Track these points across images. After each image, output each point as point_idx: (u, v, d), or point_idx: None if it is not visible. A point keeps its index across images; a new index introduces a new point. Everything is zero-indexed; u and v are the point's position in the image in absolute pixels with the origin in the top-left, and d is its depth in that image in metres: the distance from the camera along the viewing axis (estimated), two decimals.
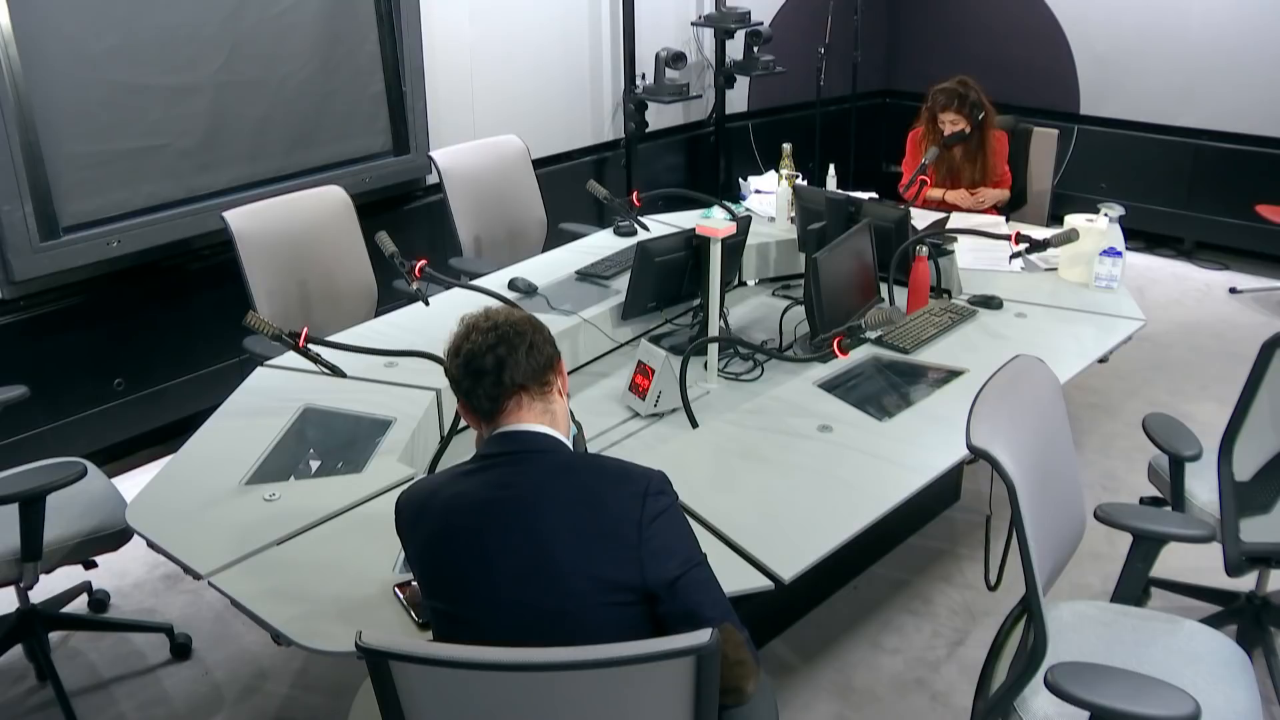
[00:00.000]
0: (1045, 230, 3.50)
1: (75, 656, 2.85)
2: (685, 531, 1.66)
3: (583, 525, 1.60)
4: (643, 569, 1.58)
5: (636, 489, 1.63)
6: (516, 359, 1.68)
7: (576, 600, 1.58)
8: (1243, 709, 1.87)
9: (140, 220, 3.59)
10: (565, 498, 1.63)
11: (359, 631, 1.44)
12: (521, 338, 1.71)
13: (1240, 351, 3.80)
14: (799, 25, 5.96)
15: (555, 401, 1.74)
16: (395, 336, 3.01)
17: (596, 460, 1.79)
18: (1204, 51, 5.44)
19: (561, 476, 1.66)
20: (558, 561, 1.58)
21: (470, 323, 1.75)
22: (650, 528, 1.59)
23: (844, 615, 2.94)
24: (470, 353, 1.69)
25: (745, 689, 1.61)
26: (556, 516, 1.60)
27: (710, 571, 1.65)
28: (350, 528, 2.14)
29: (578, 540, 1.59)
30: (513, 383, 1.68)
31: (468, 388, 1.70)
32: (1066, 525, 2.05)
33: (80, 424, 3.61)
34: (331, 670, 2.74)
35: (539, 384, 1.71)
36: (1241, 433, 2.34)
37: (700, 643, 1.38)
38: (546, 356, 1.73)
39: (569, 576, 1.58)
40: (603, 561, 1.58)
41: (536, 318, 1.80)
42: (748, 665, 1.61)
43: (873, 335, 2.82)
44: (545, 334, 1.76)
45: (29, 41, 3.24)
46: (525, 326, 1.73)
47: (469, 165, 4.01)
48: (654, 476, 1.66)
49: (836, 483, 2.28)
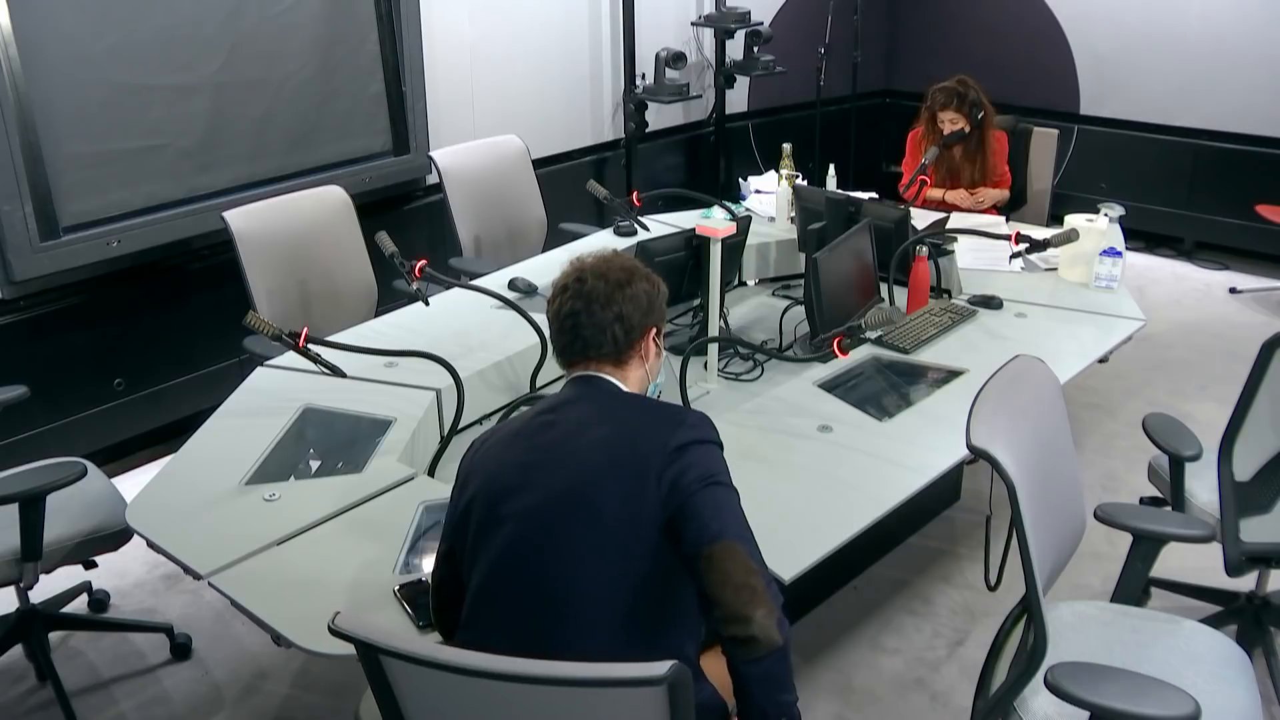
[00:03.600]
0: (1045, 230, 3.50)
1: (75, 656, 2.85)
2: (716, 458, 1.66)
3: (616, 459, 1.63)
4: (664, 495, 1.58)
5: (670, 418, 1.67)
6: (592, 332, 1.73)
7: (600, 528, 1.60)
8: (1243, 709, 1.87)
9: (140, 220, 3.59)
10: (602, 434, 1.66)
11: (335, 613, 1.46)
12: (609, 306, 1.73)
13: (1240, 351, 3.80)
14: (799, 25, 5.96)
15: (625, 369, 1.78)
16: (395, 336, 3.01)
17: (643, 399, 1.79)
18: (1204, 51, 5.44)
19: (605, 416, 1.70)
20: (589, 496, 1.62)
21: (566, 277, 1.78)
22: (678, 454, 1.61)
23: (844, 615, 2.94)
24: (554, 314, 1.77)
25: (751, 615, 1.52)
26: (592, 451, 1.65)
27: (736, 498, 1.64)
28: (350, 528, 2.14)
29: (610, 473, 1.62)
30: (583, 355, 1.75)
31: (553, 337, 1.79)
32: (1066, 525, 2.05)
33: (80, 424, 3.61)
34: (331, 670, 2.74)
35: (614, 359, 1.76)
36: (1241, 433, 2.34)
37: (655, 674, 1.29)
38: (627, 329, 1.74)
39: (601, 510, 1.61)
40: (631, 496, 1.60)
41: (646, 274, 1.80)
42: (758, 593, 1.54)
43: (873, 335, 2.82)
44: (641, 301, 1.77)
45: (29, 41, 3.24)
46: (617, 295, 1.74)
47: (469, 165, 4.01)
48: (688, 414, 1.70)
49: (836, 483, 2.28)
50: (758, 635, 1.52)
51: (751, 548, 1.60)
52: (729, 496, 1.63)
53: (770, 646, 1.52)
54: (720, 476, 1.64)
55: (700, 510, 1.58)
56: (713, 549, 1.56)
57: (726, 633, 1.54)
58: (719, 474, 1.64)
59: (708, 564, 1.56)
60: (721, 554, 1.56)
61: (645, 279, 1.79)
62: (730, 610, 1.53)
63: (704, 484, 1.60)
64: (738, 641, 1.53)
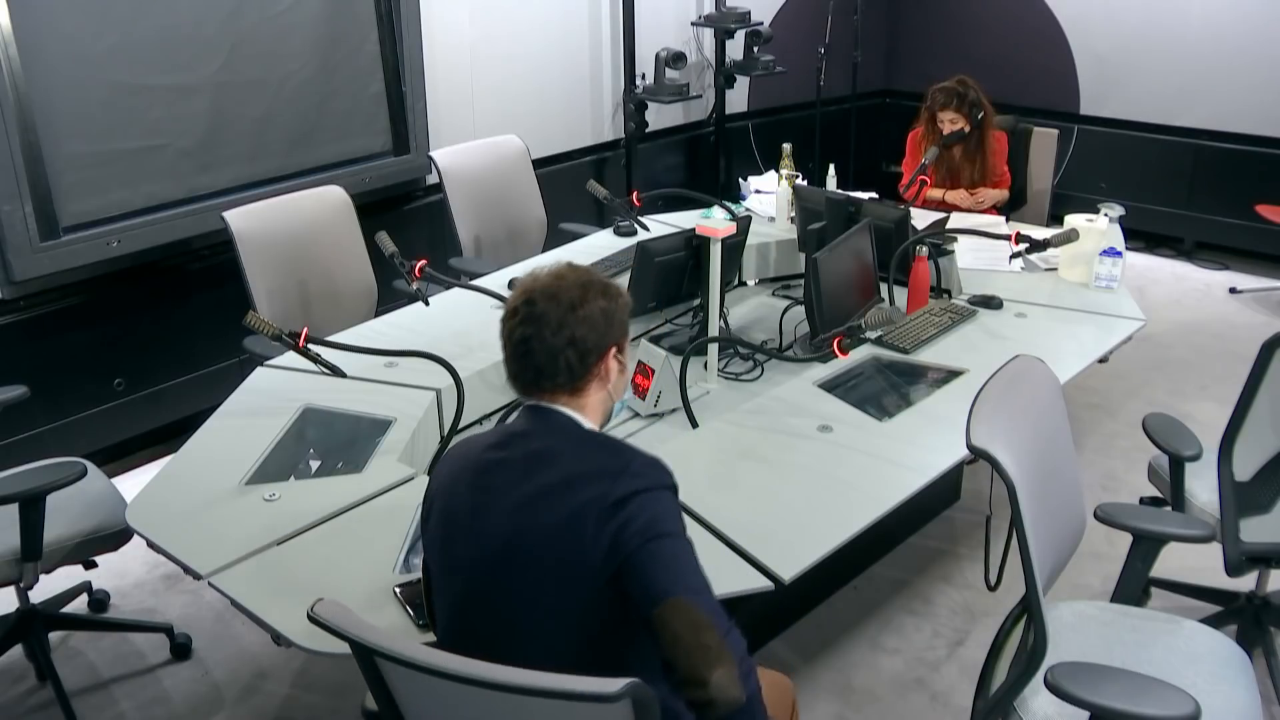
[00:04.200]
0: (1045, 230, 3.50)
1: (75, 656, 2.85)
2: (663, 509, 1.54)
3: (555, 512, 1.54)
4: (603, 554, 1.50)
5: (611, 469, 1.55)
6: (544, 359, 1.61)
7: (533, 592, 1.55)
8: (1243, 709, 1.87)
9: (140, 220, 3.59)
10: (543, 483, 1.57)
11: (318, 600, 1.47)
12: (561, 331, 1.60)
13: (1240, 351, 3.81)
14: (799, 25, 5.96)
15: (582, 397, 1.67)
16: (395, 336, 3.01)
17: (593, 439, 1.66)
18: (1204, 51, 5.44)
19: (549, 460, 1.60)
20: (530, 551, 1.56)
21: (515, 299, 1.65)
22: (617, 509, 1.51)
23: (844, 615, 2.94)
24: (505, 339, 1.65)
25: (707, 678, 1.41)
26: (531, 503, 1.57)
27: (684, 547, 1.53)
28: (350, 528, 2.14)
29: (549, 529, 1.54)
30: (535, 385, 1.65)
31: (505, 363, 1.67)
32: (1066, 525, 2.05)
33: (80, 424, 3.61)
34: (331, 670, 2.74)
35: (569, 389, 1.65)
36: (1241, 433, 2.34)
37: (605, 690, 1.27)
38: (582, 353, 1.62)
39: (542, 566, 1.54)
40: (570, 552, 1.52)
41: (603, 288, 1.66)
42: (712, 652, 1.44)
43: (873, 335, 2.82)
44: (597, 321, 1.63)
45: (29, 41, 3.24)
46: (569, 318, 1.61)
47: (469, 165, 4.01)
48: (635, 459, 1.58)
49: (836, 483, 2.28)
50: (716, 698, 1.42)
51: (704, 599, 1.49)
52: (676, 548, 1.52)
53: (731, 706, 1.43)
54: (665, 526, 1.52)
55: (644, 568, 1.49)
56: (660, 609, 1.47)
57: (685, 695, 1.46)
58: (664, 525, 1.52)
59: (658, 625, 1.47)
60: (669, 614, 1.46)
61: (601, 294, 1.65)
62: (685, 673, 1.44)
63: (646, 539, 1.49)
64: (697, 705, 1.45)
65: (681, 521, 1.57)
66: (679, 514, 1.58)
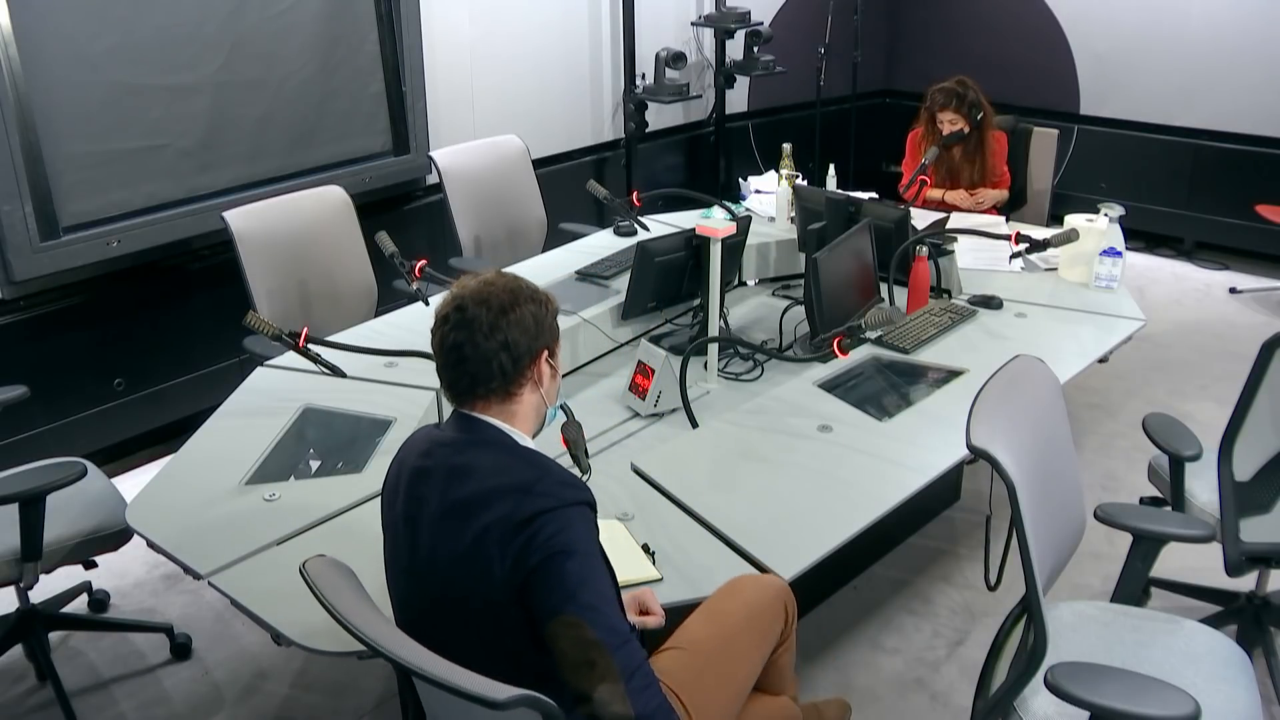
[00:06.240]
0: (1045, 230, 3.50)
1: (75, 656, 2.85)
2: (567, 528, 1.52)
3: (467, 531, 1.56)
4: (508, 573, 1.51)
5: (520, 486, 1.55)
6: (477, 365, 1.62)
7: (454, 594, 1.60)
8: (1243, 709, 1.87)
9: (140, 220, 3.59)
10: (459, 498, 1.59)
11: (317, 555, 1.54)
12: (493, 334, 1.61)
13: (1240, 351, 3.80)
14: (799, 25, 5.96)
15: (515, 402, 1.68)
16: (395, 336, 3.01)
17: (513, 454, 1.65)
18: (1204, 51, 5.44)
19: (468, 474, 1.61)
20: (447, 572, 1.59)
21: (445, 305, 1.66)
22: (523, 528, 1.51)
23: (844, 615, 2.94)
24: (438, 346, 1.66)
25: (590, 694, 1.45)
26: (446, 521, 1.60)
27: (584, 564, 1.52)
28: (350, 528, 2.14)
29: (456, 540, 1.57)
30: (470, 393, 1.66)
31: (439, 371, 1.69)
32: (1066, 525, 2.05)
33: (80, 424, 3.61)
34: (331, 670, 2.74)
35: (500, 393, 1.66)
36: (1241, 433, 2.34)
37: (493, 696, 1.30)
38: (515, 357, 1.64)
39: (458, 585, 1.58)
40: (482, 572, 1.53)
41: (532, 293, 1.68)
42: (596, 669, 1.46)
43: (873, 335, 2.82)
44: (528, 325, 1.64)
45: (29, 41, 3.24)
46: (501, 322, 1.62)
47: (469, 165, 4.01)
48: (547, 477, 1.57)
49: (836, 483, 2.28)
50: (599, 714, 1.45)
51: (596, 615, 1.49)
52: (575, 565, 1.51)
53: (611, 708, 1.45)
54: (565, 544, 1.51)
55: (539, 585, 1.50)
56: (551, 626, 1.49)
57: (579, 711, 1.48)
58: (566, 542, 1.51)
59: (549, 641, 1.50)
60: (559, 630, 1.49)
61: (531, 299, 1.66)
62: (573, 689, 1.47)
63: (545, 555, 1.50)
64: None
65: (589, 539, 1.57)
66: (588, 532, 1.57)
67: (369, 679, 2.71)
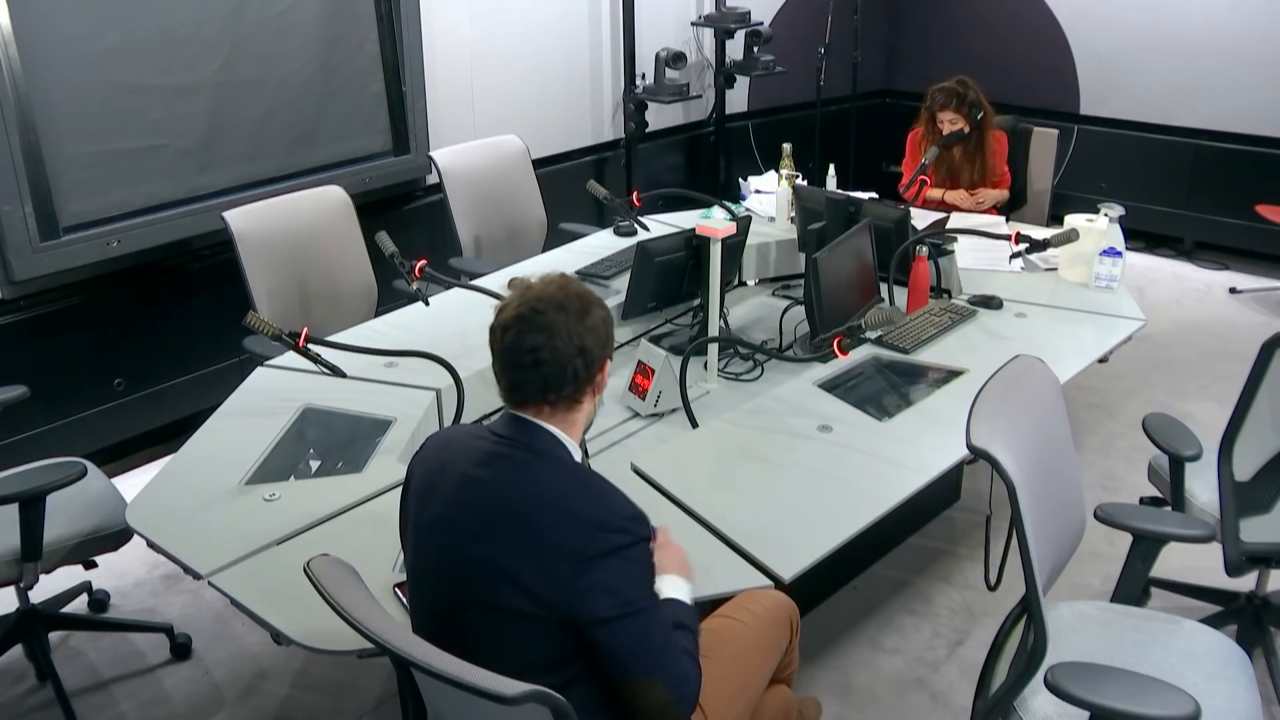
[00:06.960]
0: (1045, 230, 3.50)
1: (75, 656, 2.85)
2: (637, 574, 1.58)
3: (522, 546, 1.56)
4: (569, 602, 1.52)
5: (593, 519, 1.55)
6: (554, 369, 1.61)
7: (478, 595, 1.59)
8: (1243, 709, 1.87)
9: (140, 220, 3.59)
10: (516, 520, 1.58)
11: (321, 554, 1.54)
12: (572, 340, 1.61)
13: (1240, 351, 3.80)
14: (799, 25, 5.96)
15: (577, 410, 1.68)
16: (395, 336, 3.01)
17: (578, 478, 1.65)
18: (1204, 51, 5.44)
19: (527, 490, 1.60)
20: (481, 562, 1.59)
21: (518, 306, 1.63)
22: (593, 564, 1.53)
23: (844, 615, 2.94)
24: (508, 347, 1.63)
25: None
26: (504, 535, 1.58)
27: (654, 620, 1.58)
28: (350, 528, 2.14)
29: (511, 555, 1.56)
30: (539, 397, 1.65)
31: (505, 372, 1.66)
32: (1066, 525, 2.05)
33: (80, 424, 3.61)
34: (331, 670, 2.74)
35: (568, 400, 1.66)
36: (1241, 433, 2.34)
37: (504, 692, 1.33)
38: (589, 363, 1.64)
39: (485, 580, 1.58)
40: (534, 590, 1.54)
41: (598, 299, 1.68)
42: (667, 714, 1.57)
43: (873, 335, 2.82)
44: (600, 332, 1.65)
45: (29, 41, 3.24)
46: (578, 327, 1.62)
47: (469, 165, 4.01)
48: (617, 510, 1.58)
49: (836, 483, 2.28)
50: None
51: (669, 673, 1.58)
52: (646, 623, 1.56)
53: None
54: (638, 598, 1.56)
55: (616, 644, 1.55)
56: (632, 685, 1.57)
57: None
58: (638, 597, 1.56)
59: (626, 694, 1.58)
60: (639, 692, 1.57)
61: (600, 305, 1.68)
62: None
63: (622, 614, 1.54)
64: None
65: (650, 577, 1.63)
66: (650, 569, 1.63)
67: (369, 679, 2.71)
